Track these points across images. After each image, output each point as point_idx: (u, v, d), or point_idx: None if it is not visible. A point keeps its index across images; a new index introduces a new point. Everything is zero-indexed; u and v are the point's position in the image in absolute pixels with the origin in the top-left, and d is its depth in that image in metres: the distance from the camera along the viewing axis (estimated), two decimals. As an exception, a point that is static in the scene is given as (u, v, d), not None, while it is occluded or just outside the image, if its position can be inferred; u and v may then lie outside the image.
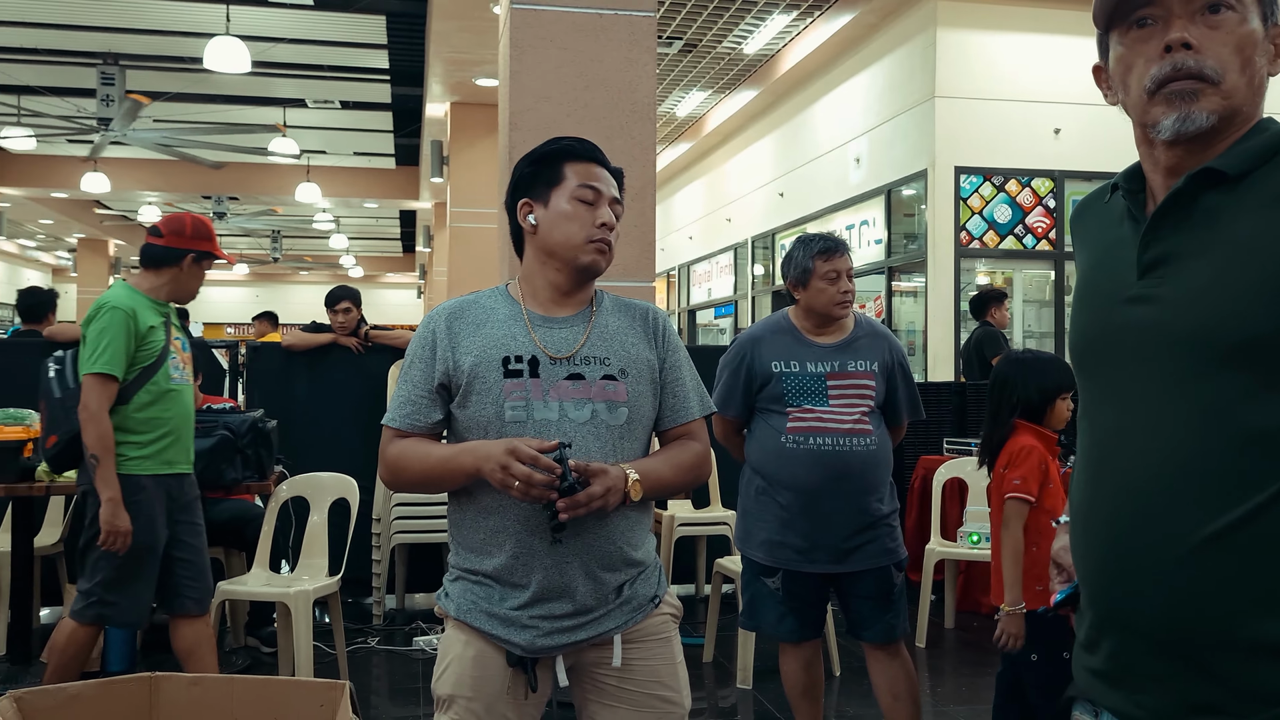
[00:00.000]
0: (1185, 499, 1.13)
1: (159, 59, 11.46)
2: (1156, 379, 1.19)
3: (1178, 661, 1.13)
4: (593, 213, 1.92)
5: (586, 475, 1.76)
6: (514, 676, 1.88)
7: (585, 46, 4.53)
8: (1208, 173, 1.19)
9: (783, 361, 3.03)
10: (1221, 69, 1.20)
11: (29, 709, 2.39)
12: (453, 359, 1.89)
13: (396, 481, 1.96)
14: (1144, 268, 1.22)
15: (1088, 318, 1.32)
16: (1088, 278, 1.35)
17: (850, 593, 3.04)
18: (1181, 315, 1.17)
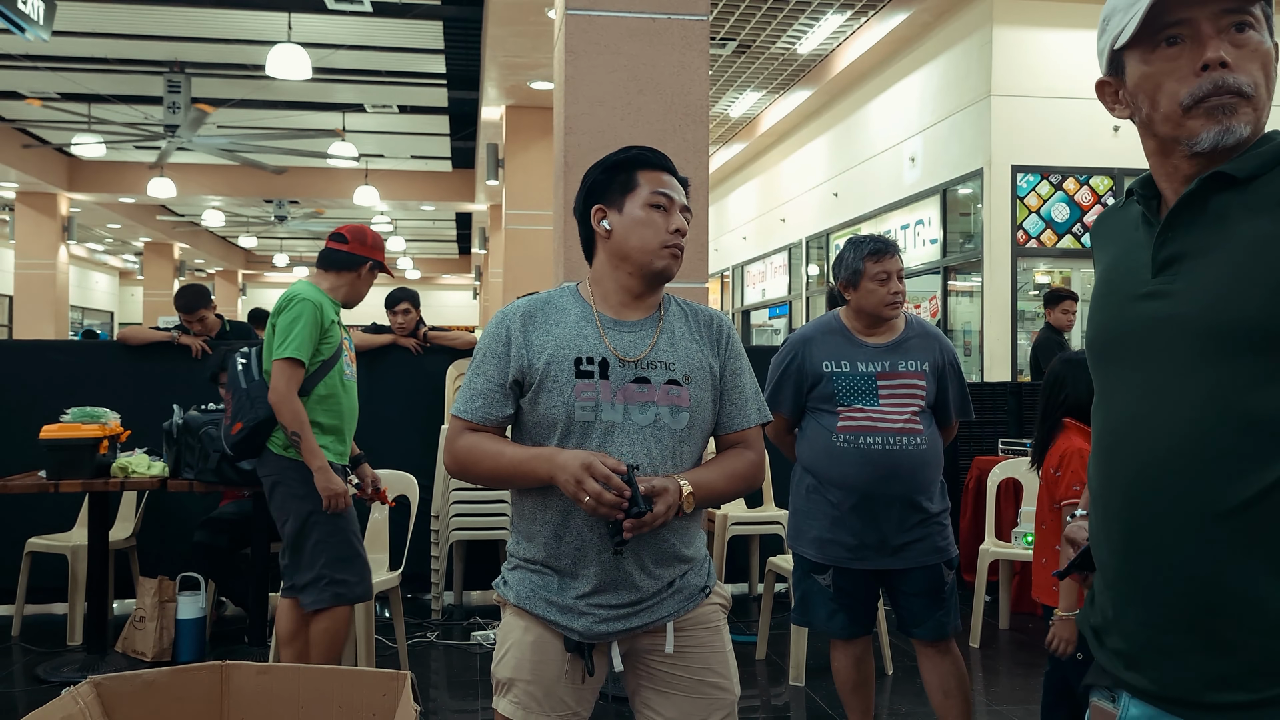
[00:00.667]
0: (1197, 479, 1.19)
1: (223, 66, 11.75)
2: (1169, 367, 1.25)
3: (1193, 636, 1.18)
4: (666, 219, 1.99)
5: (651, 496, 1.83)
6: (571, 661, 1.95)
7: (639, 51, 4.59)
8: (1217, 176, 1.25)
9: (834, 361, 3.07)
10: (1254, 85, 1.26)
11: (108, 694, 2.51)
12: (527, 356, 1.95)
13: (463, 474, 2.02)
14: (1158, 266, 1.29)
15: (1105, 315, 1.38)
16: (1105, 278, 1.41)
17: (901, 590, 3.07)
18: (1194, 308, 1.23)
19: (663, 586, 1.95)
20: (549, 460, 1.87)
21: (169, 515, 5.16)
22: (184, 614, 4.39)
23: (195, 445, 4.08)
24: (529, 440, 2.00)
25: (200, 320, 5.38)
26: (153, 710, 2.53)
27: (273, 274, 31.94)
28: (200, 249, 25.38)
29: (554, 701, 1.96)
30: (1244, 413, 1.18)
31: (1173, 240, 1.28)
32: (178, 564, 4.66)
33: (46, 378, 5.19)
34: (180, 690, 2.60)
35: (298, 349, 3.42)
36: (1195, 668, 1.18)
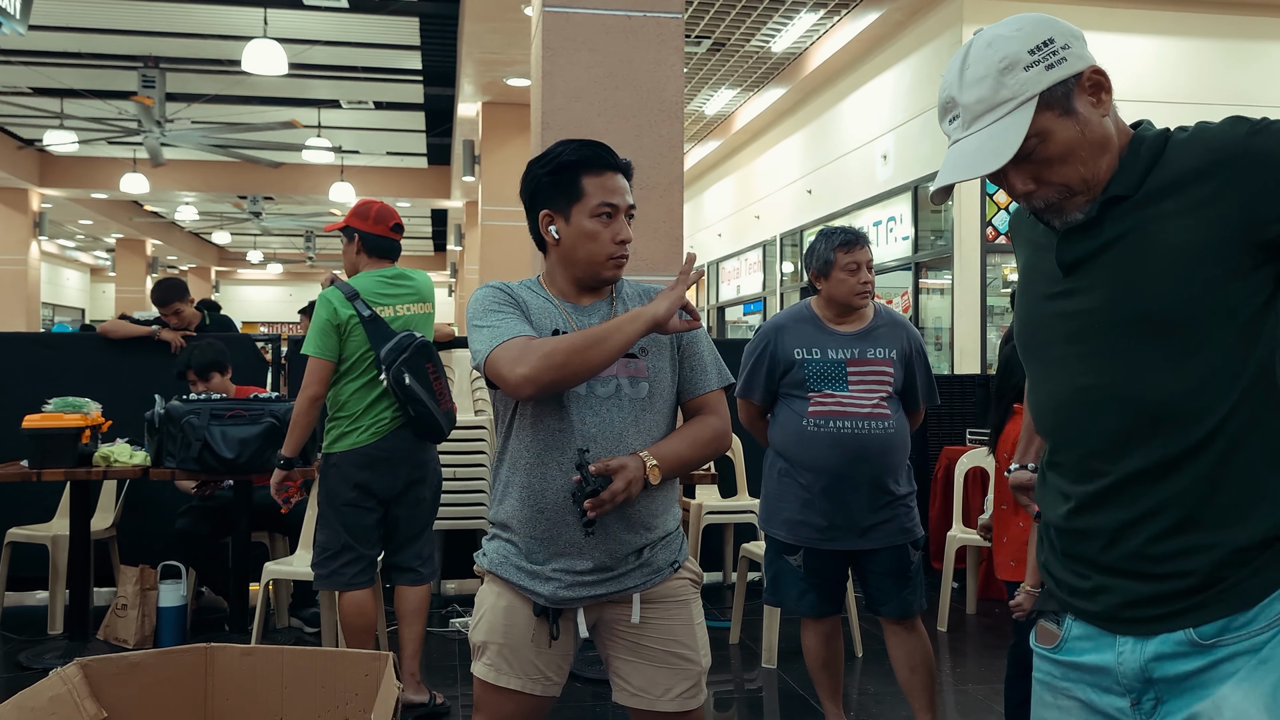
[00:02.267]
0: (1111, 448, 1.41)
1: (198, 61, 11.73)
2: (1081, 356, 1.43)
3: (1117, 575, 1.41)
4: (611, 228, 2.05)
5: (608, 473, 1.91)
6: (538, 625, 2.04)
7: (615, 48, 4.67)
8: (1111, 200, 1.39)
9: (805, 349, 3.17)
10: (1063, 187, 1.40)
11: (94, 675, 2.55)
12: (529, 319, 2.03)
13: (550, 363, 1.89)
14: (1065, 269, 1.44)
15: (1025, 311, 1.55)
16: (1024, 274, 1.57)
17: (869, 569, 3.18)
18: (1098, 302, 1.40)
19: (630, 554, 2.03)
20: (636, 310, 1.98)
21: (149, 504, 5.20)
22: (165, 602, 4.44)
23: (177, 434, 4.12)
24: (501, 407, 2.08)
25: (176, 313, 5.42)
26: (139, 691, 2.58)
27: (246, 270, 31.77)
28: (173, 245, 25.23)
29: (524, 664, 2.05)
30: (1145, 395, 1.37)
31: (1072, 248, 1.43)
32: (158, 553, 4.71)
33: (27, 369, 5.21)
34: (166, 671, 2.65)
35: None
36: (1122, 594, 1.40)
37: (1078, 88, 1.37)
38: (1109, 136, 1.39)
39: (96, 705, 2.50)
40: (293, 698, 2.65)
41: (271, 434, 4.16)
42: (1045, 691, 1.49)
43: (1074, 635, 1.45)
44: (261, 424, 4.16)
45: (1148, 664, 1.36)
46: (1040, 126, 1.35)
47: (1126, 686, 1.38)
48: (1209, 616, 1.32)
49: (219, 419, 4.14)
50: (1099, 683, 1.41)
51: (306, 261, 26.48)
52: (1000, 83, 1.36)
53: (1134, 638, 1.37)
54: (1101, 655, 1.40)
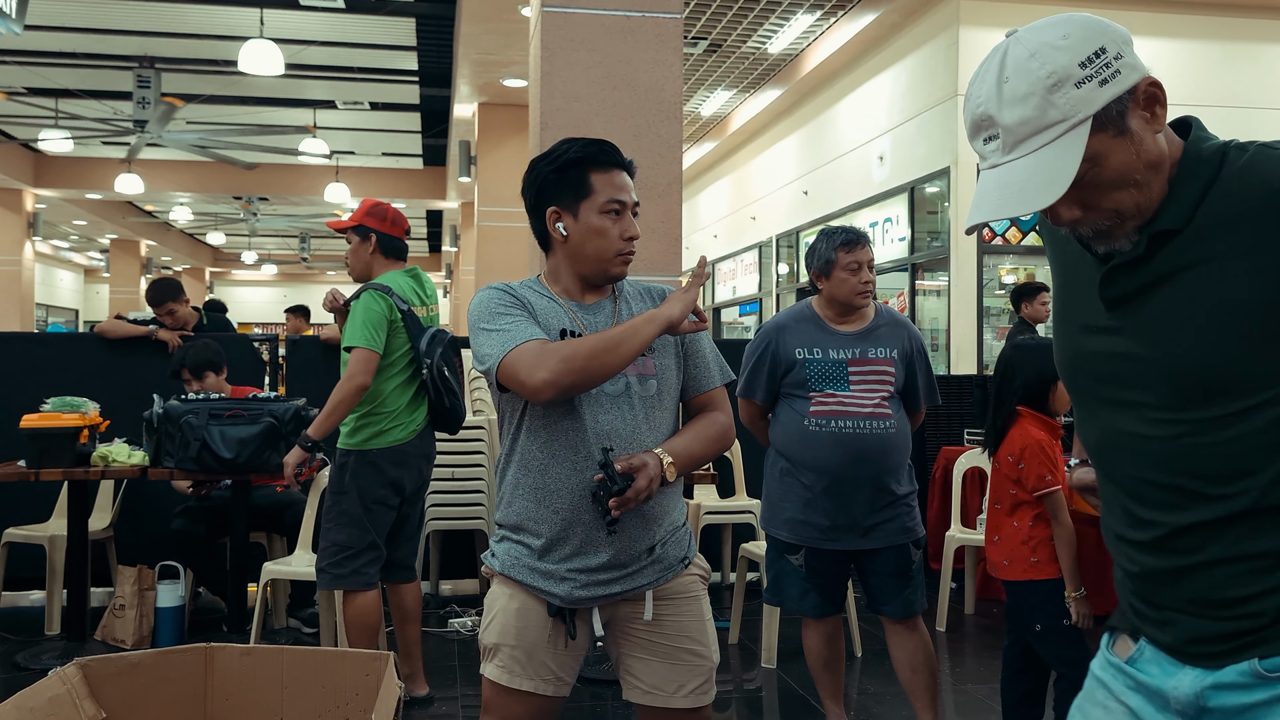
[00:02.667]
0: (1158, 504, 1.32)
1: (194, 62, 11.70)
2: (1122, 404, 1.34)
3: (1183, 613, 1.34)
4: (619, 225, 2.06)
5: (630, 472, 1.91)
6: (554, 626, 2.04)
7: (614, 48, 4.67)
8: (1160, 235, 1.27)
9: (806, 348, 3.17)
10: (1114, 213, 1.27)
11: (93, 675, 2.54)
12: (535, 320, 2.02)
13: (569, 366, 1.90)
14: (1107, 303, 1.32)
15: (1064, 340, 1.44)
16: (1060, 291, 1.46)
17: (870, 569, 3.18)
18: (1141, 349, 1.29)
19: (642, 553, 2.04)
20: (650, 311, 2.01)
21: (146, 505, 5.19)
22: (163, 602, 4.43)
23: (176, 434, 4.12)
24: (508, 408, 2.07)
25: (170, 314, 5.40)
26: (138, 691, 2.57)
27: (241, 271, 31.71)
28: (167, 246, 25.16)
29: (537, 666, 2.05)
30: (1175, 457, 1.28)
31: (1116, 284, 1.31)
32: (156, 553, 4.70)
33: (25, 369, 5.20)
34: (165, 671, 2.64)
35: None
36: (1189, 630, 1.33)
37: (1132, 103, 1.23)
38: (1163, 154, 1.26)
39: (95, 706, 2.49)
40: (293, 698, 2.64)
41: (270, 434, 4.15)
42: (1099, 688, 1.43)
43: (1146, 657, 1.38)
44: (260, 424, 4.15)
45: (1204, 691, 1.29)
46: (1093, 150, 1.21)
47: (1181, 709, 1.32)
48: (1277, 650, 1.25)
49: (218, 419, 4.13)
50: (1153, 701, 1.36)
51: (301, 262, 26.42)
52: (1048, 101, 1.20)
53: (1200, 669, 1.31)
54: (1165, 680, 1.34)
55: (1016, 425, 3.03)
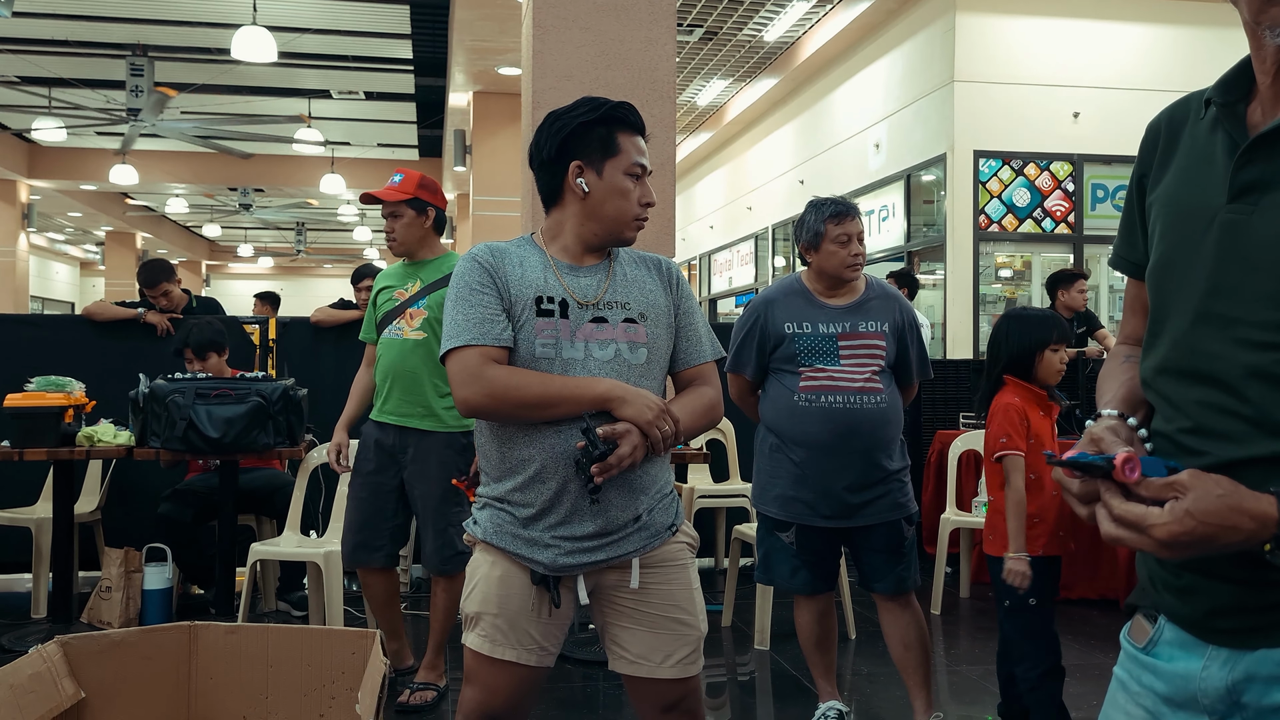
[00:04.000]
0: (1228, 429, 1.14)
1: (187, 50, 11.65)
2: (1217, 320, 1.16)
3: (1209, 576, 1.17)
4: (640, 189, 2.04)
5: (614, 438, 1.88)
6: (538, 594, 2.00)
7: (606, 27, 4.63)
8: None
9: (795, 323, 3.12)
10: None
11: (74, 653, 2.50)
12: (509, 293, 1.99)
13: (499, 403, 1.92)
14: (1235, 191, 1.15)
15: (1161, 234, 1.26)
16: (1173, 186, 1.26)
17: (862, 546, 3.13)
18: (1261, 258, 1.12)
19: (628, 520, 2.00)
20: (618, 387, 1.93)
21: (134, 488, 5.14)
22: (150, 584, 4.39)
23: (162, 414, 4.07)
24: None
25: (165, 295, 5.36)
26: (120, 669, 2.53)
27: (237, 264, 31.64)
28: (163, 239, 25.09)
29: (520, 634, 2.00)
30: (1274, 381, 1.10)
31: (1255, 164, 1.14)
32: (143, 536, 4.64)
33: (10, 350, 5.15)
34: (148, 650, 2.60)
35: (362, 330, 3.85)
36: (1214, 597, 1.17)
37: None
38: None
39: (75, 684, 2.44)
40: (278, 676, 2.61)
41: (257, 413, 4.11)
42: (1120, 691, 1.29)
43: (1165, 638, 1.23)
44: (247, 403, 4.11)
45: (1237, 684, 1.13)
46: None
47: (1208, 706, 1.16)
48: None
49: (204, 398, 4.09)
50: (1176, 695, 1.20)
51: (297, 255, 26.35)
52: None
53: (1228, 649, 1.15)
54: (1189, 664, 1.18)
55: (1002, 391, 3.04)
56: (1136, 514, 1.08)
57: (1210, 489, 1.06)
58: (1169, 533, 1.05)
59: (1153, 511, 1.06)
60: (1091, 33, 8.60)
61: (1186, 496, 1.05)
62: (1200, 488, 1.06)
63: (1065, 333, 3.07)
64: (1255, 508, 1.05)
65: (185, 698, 2.62)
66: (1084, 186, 8.80)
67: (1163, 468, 1.10)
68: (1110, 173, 8.81)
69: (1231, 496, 1.05)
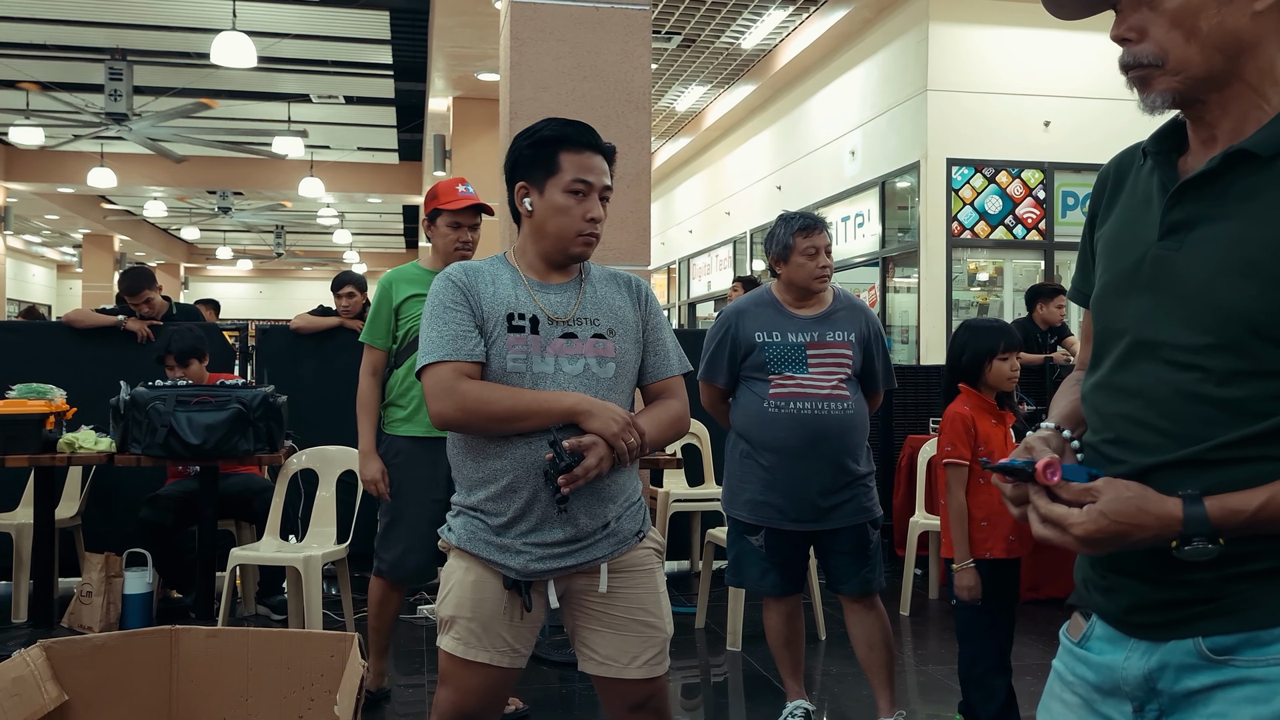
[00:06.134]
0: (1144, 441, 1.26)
1: (166, 54, 11.65)
2: (1147, 345, 1.28)
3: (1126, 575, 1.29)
4: (583, 206, 2.09)
5: (580, 450, 1.96)
6: (510, 598, 2.08)
7: (583, 39, 4.71)
8: (1240, 153, 1.21)
9: (765, 332, 3.22)
10: (1161, 51, 1.23)
11: (57, 657, 2.56)
12: (481, 310, 2.07)
13: (470, 417, 2.01)
14: (1165, 229, 1.27)
15: (1103, 267, 1.38)
16: (1116, 224, 1.38)
17: (829, 549, 3.23)
18: (1183, 289, 1.24)
19: (597, 528, 2.08)
20: (585, 401, 2.00)
21: (114, 494, 5.18)
22: (131, 589, 4.43)
23: (143, 420, 4.12)
24: None
25: (146, 302, 5.40)
26: (102, 673, 2.58)
27: (215, 267, 31.52)
28: (141, 241, 24.99)
29: (493, 637, 2.09)
30: (1211, 394, 1.21)
31: (1182, 205, 1.26)
32: (123, 542, 4.69)
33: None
34: (130, 653, 2.65)
35: (365, 333, 3.58)
36: (1131, 595, 1.29)
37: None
38: (1245, 38, 1.21)
39: (58, 688, 2.50)
40: (258, 679, 2.67)
41: (238, 420, 4.17)
42: (1056, 681, 1.42)
43: (1096, 634, 1.35)
44: (228, 410, 4.16)
45: (1153, 671, 1.25)
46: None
47: (1130, 693, 1.28)
48: (1221, 628, 1.20)
49: (185, 405, 4.14)
50: (1104, 684, 1.32)
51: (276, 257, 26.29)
52: None
53: (1146, 642, 1.26)
54: (1115, 656, 1.30)
55: (952, 402, 3.18)
56: (1059, 514, 1.21)
57: (1122, 493, 1.20)
58: (1086, 531, 1.19)
59: (1073, 512, 1.20)
60: (1061, 43, 8.75)
61: (1101, 499, 1.20)
62: (1113, 491, 1.20)
63: (1014, 342, 3.17)
64: (1160, 509, 1.18)
65: (166, 700, 2.67)
66: (1055, 194, 8.95)
67: (1085, 474, 1.23)
68: (1080, 180, 8.96)
69: (1140, 499, 1.19)
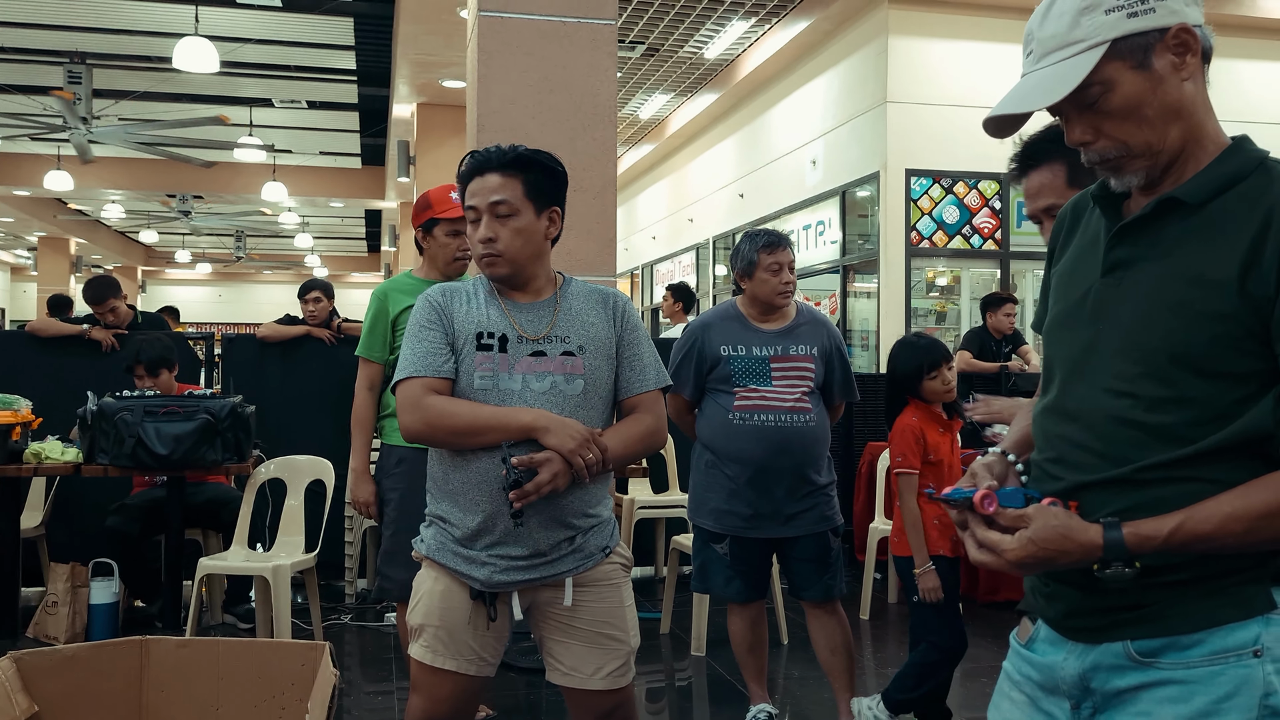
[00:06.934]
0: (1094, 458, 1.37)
1: (126, 58, 11.55)
2: (1090, 370, 1.39)
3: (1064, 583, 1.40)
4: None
5: (532, 466, 2.02)
6: (475, 608, 2.15)
7: (550, 52, 4.77)
8: (1170, 201, 1.33)
9: (730, 345, 3.31)
10: (1121, 144, 1.33)
11: (27, 668, 2.58)
12: (453, 329, 2.15)
13: (432, 431, 2.10)
14: (1107, 267, 1.38)
15: (1054, 299, 1.50)
16: (1068, 263, 1.50)
17: (792, 556, 3.32)
18: (1120, 322, 1.36)
19: (560, 542, 2.14)
20: (543, 417, 2.06)
21: (78, 504, 5.17)
22: (97, 599, 4.43)
23: (111, 431, 4.13)
24: None
25: (112, 310, 5.39)
26: (73, 684, 2.60)
27: (174, 270, 31.16)
28: (98, 244, 24.66)
29: (460, 646, 2.15)
30: (1141, 420, 1.32)
31: (1120, 246, 1.38)
32: (88, 552, 4.68)
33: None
34: (100, 664, 2.67)
35: (361, 346, 3.35)
36: (1068, 601, 1.40)
37: (1160, 44, 1.30)
38: (1185, 104, 1.32)
39: (28, 699, 2.51)
40: (229, 689, 2.69)
41: (206, 430, 4.19)
42: (1006, 681, 1.51)
43: (1041, 637, 1.46)
44: (196, 420, 4.18)
45: (1087, 672, 1.35)
46: (1107, 75, 1.30)
47: (1067, 691, 1.38)
48: (1146, 633, 1.31)
49: (153, 415, 4.15)
50: (1047, 682, 1.42)
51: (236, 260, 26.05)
52: (1076, 22, 1.31)
53: (1081, 644, 1.37)
54: (1055, 657, 1.41)
55: (902, 414, 3.33)
56: (993, 540, 1.34)
57: (1050, 521, 1.30)
58: (1016, 556, 1.31)
59: (1005, 539, 1.32)
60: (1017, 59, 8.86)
61: (1030, 527, 1.31)
62: (1041, 520, 1.31)
63: (937, 358, 3.29)
64: (1083, 537, 1.30)
65: (137, 711, 2.69)
66: (1010, 204, 9.12)
67: (1021, 498, 1.34)
68: (1036, 191, 9.12)
69: (1064, 528, 1.30)
